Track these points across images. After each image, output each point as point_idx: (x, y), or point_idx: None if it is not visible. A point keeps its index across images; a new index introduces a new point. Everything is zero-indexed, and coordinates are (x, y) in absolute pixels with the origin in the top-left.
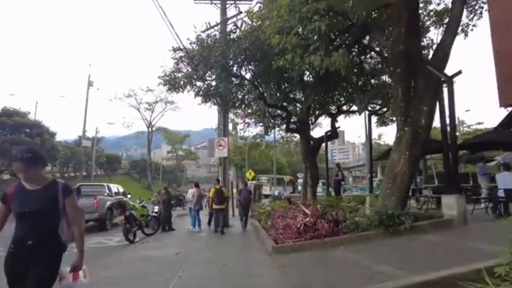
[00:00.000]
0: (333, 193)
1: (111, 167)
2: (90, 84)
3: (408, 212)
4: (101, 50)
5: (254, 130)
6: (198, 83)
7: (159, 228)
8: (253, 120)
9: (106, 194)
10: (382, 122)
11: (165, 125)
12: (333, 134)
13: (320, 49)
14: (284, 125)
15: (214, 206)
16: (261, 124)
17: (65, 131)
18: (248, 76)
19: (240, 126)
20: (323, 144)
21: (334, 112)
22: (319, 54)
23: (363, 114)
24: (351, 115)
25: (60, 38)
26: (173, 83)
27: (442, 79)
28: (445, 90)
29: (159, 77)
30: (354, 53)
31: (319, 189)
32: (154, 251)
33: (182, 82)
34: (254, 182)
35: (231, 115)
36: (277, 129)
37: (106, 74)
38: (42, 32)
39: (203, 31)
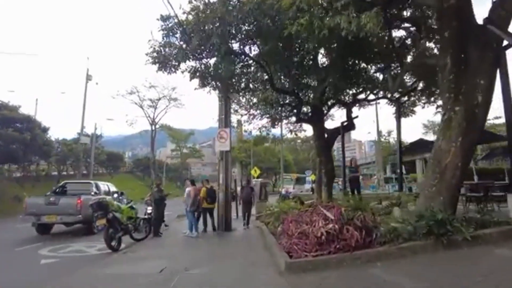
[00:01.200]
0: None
1: (113, 165)
2: (88, 78)
3: (465, 217)
4: (101, 46)
5: (259, 122)
6: (193, 63)
7: (151, 232)
8: (258, 111)
9: (93, 193)
10: (401, 114)
11: (170, 123)
12: (350, 125)
13: (350, 6)
14: (294, 116)
15: (206, 205)
16: (267, 115)
17: (66, 130)
18: (253, 54)
19: (244, 118)
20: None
21: (349, 101)
22: (346, 14)
23: (373, 109)
24: (366, 106)
25: (60, 35)
26: (163, 61)
27: (506, 43)
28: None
29: (147, 54)
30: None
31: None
32: (135, 265)
33: (173, 58)
34: (260, 179)
35: (234, 106)
36: (285, 122)
37: (108, 71)
38: (42, 29)
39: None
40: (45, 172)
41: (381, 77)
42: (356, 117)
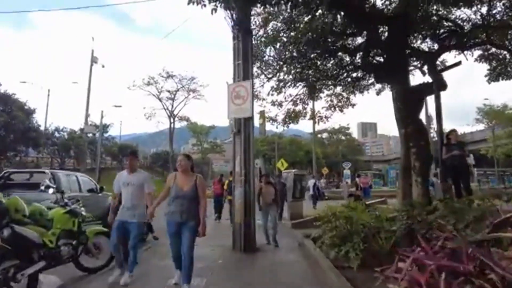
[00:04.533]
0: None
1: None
2: (94, 60)
3: None
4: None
5: (293, 91)
6: None
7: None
8: (291, 76)
9: (44, 187)
10: (500, 73)
11: (190, 118)
12: (440, 81)
13: None
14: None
15: (229, 198)
16: (302, 83)
17: (78, 122)
18: None
19: (271, 84)
20: None
21: (433, 50)
22: None
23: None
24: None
25: (73, 27)
26: None
27: None
28: None
29: None
30: None
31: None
32: None
33: None
34: (293, 171)
35: (256, 69)
36: (326, 93)
37: (121, 64)
38: (55, 20)
39: None
40: (34, 163)
41: None
42: (458, 63)
